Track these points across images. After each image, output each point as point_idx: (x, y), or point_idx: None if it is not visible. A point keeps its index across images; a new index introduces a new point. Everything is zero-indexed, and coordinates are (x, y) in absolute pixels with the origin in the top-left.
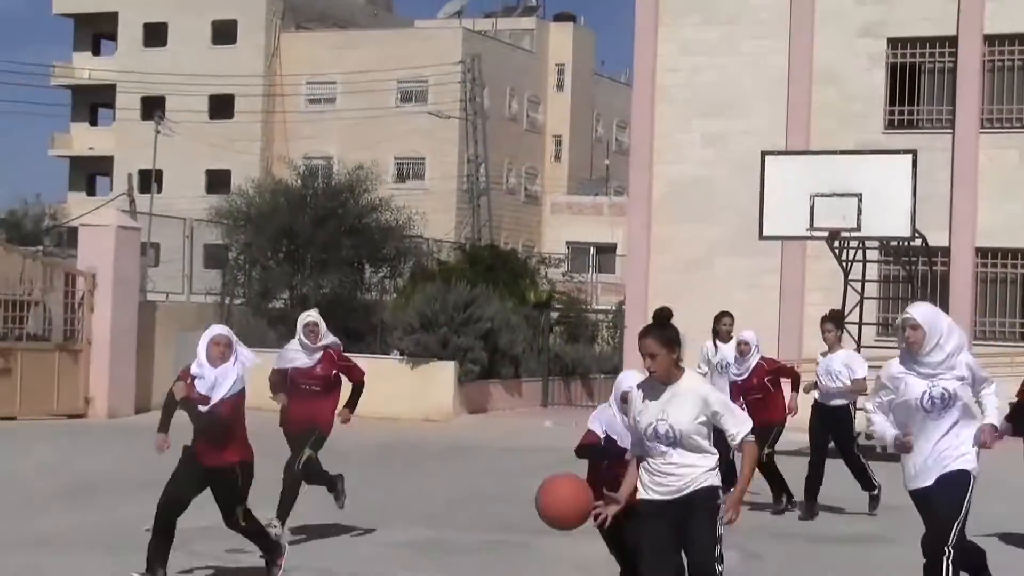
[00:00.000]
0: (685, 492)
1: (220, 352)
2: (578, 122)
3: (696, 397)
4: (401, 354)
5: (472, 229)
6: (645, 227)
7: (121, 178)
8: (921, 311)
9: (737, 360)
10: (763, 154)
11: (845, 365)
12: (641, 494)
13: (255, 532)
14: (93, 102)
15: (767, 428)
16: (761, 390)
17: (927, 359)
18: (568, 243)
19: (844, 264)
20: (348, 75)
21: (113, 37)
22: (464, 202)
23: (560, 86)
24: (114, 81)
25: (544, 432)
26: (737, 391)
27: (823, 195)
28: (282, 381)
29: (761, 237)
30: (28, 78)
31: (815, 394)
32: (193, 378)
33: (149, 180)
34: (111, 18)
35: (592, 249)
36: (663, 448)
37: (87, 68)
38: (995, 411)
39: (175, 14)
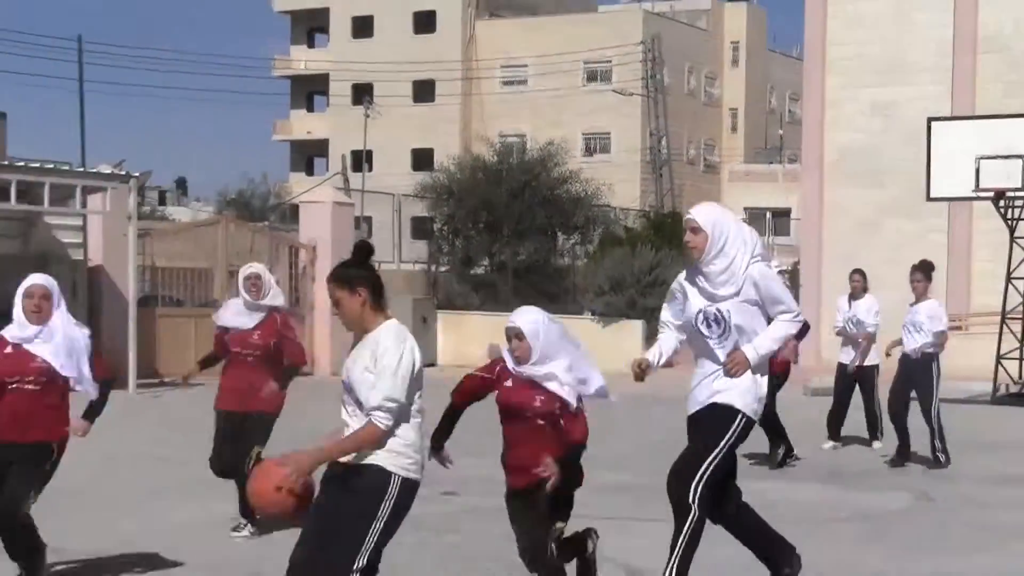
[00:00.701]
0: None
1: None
2: (752, 95)
3: (373, 345)
4: (592, 314)
5: (655, 198)
6: (817, 192)
7: (336, 159)
8: (704, 210)
9: None
10: (929, 120)
11: (928, 317)
12: None
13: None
14: (309, 91)
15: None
16: None
17: (708, 268)
18: (745, 208)
19: (1009, 223)
20: (538, 58)
21: (325, 30)
22: (647, 173)
23: (735, 62)
24: (327, 71)
25: None
26: None
27: (988, 157)
28: (221, 346)
29: (928, 198)
30: (252, 71)
31: (898, 349)
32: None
33: (360, 160)
34: (323, 13)
35: (768, 214)
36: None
37: (303, 60)
38: (769, 340)
39: (380, 7)
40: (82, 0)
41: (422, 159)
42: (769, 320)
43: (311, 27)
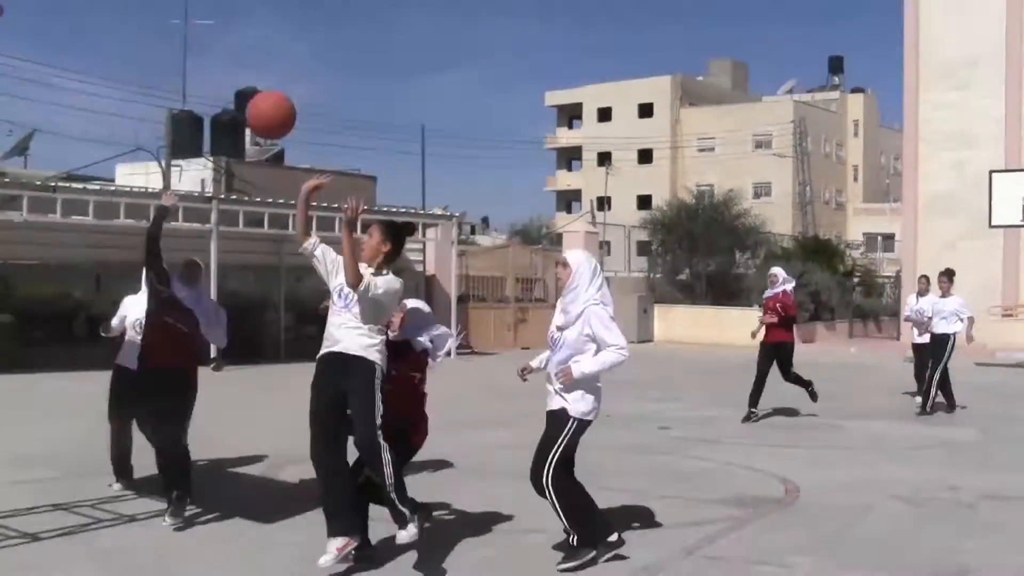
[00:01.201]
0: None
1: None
2: (868, 156)
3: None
4: (758, 307)
5: (802, 227)
6: (913, 222)
7: (586, 203)
8: (574, 253)
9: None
10: (991, 172)
11: (959, 306)
12: None
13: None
14: (569, 157)
15: (777, 345)
16: (775, 313)
17: (565, 299)
18: (864, 234)
19: None
20: (723, 133)
21: (579, 117)
22: (797, 210)
23: (856, 134)
24: (580, 144)
25: (850, 354)
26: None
27: None
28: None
29: (990, 226)
30: (532, 144)
31: (916, 332)
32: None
33: (603, 203)
34: (577, 106)
35: (879, 237)
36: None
37: (564, 137)
38: (592, 363)
39: (616, 101)
40: (425, 99)
41: (644, 202)
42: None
43: (570, 115)
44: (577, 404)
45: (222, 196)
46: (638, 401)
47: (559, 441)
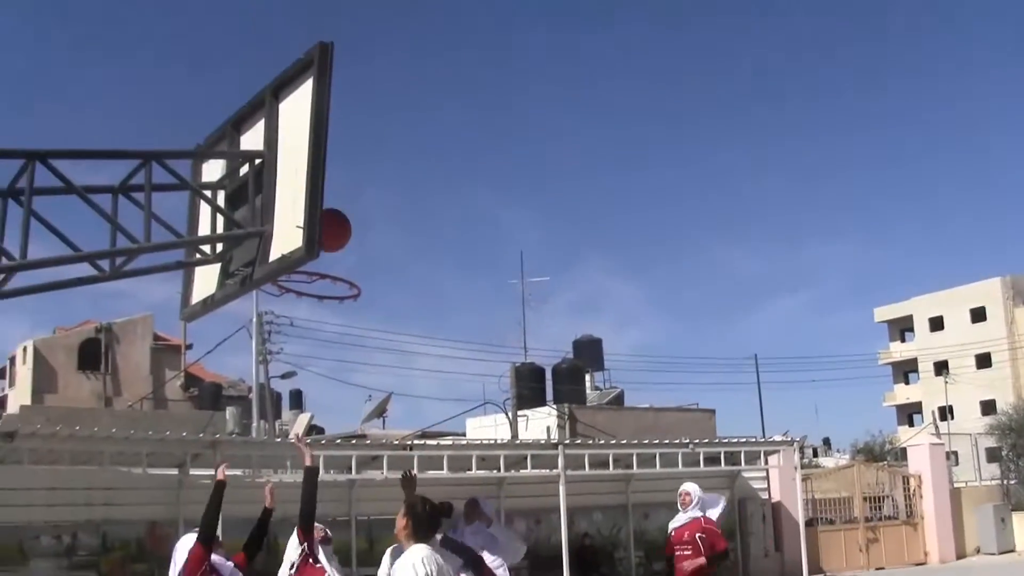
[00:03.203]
0: None
1: None
2: None
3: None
4: None
5: None
6: None
7: (927, 414)
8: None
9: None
10: None
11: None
12: None
13: None
14: (904, 371)
15: None
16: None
17: None
18: None
19: None
20: None
21: (911, 329)
22: None
23: None
24: (915, 355)
25: None
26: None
27: None
28: None
29: None
30: (865, 362)
31: None
32: None
33: (945, 413)
34: (908, 319)
35: None
36: None
37: (898, 351)
38: None
39: (947, 309)
40: (757, 330)
41: (987, 407)
42: None
43: (901, 328)
44: None
45: (567, 441)
46: None
47: None
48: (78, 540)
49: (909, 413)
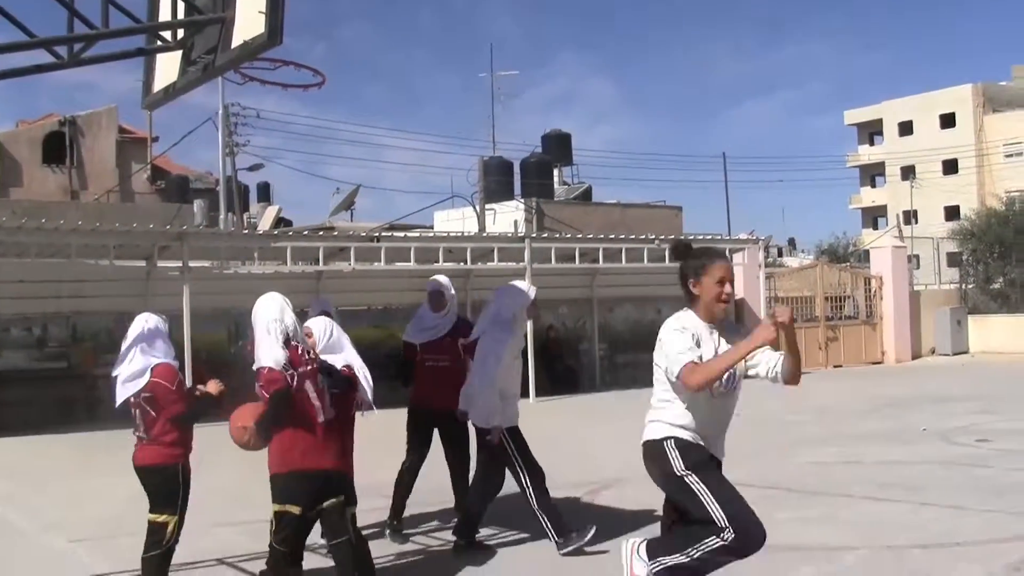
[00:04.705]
0: None
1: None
2: None
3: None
4: None
5: None
6: None
7: (891, 218)
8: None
9: None
10: None
11: None
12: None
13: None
14: (872, 174)
15: None
16: None
17: None
18: None
19: None
20: None
21: (880, 133)
22: None
23: None
24: (883, 159)
25: None
26: None
27: None
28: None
29: None
30: (833, 165)
31: None
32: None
33: (909, 217)
34: (878, 123)
35: None
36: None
37: (866, 154)
38: None
39: (917, 115)
40: (728, 129)
41: (951, 213)
42: None
43: (871, 132)
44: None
45: (534, 235)
46: (955, 415)
47: None
48: (48, 332)
49: (874, 216)
